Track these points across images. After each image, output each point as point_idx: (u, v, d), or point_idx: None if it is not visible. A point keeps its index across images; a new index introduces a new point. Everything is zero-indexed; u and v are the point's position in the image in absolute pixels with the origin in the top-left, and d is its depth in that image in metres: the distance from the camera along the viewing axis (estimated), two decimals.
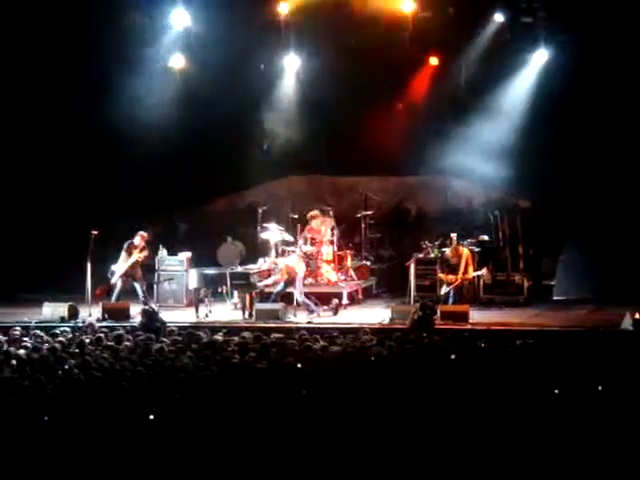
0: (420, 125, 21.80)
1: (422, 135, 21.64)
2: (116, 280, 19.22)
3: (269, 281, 18.85)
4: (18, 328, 15.25)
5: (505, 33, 20.86)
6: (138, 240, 19.31)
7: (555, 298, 20.36)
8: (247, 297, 18.55)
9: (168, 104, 21.60)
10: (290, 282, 18.49)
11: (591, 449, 8.42)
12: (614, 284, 19.62)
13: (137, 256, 19.25)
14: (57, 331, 15.06)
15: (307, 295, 18.65)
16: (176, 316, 18.36)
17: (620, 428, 8.80)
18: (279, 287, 18.60)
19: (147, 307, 17.11)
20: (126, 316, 18.02)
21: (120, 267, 19.23)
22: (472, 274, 19.32)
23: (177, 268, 20.27)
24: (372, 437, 8.67)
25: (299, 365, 11.70)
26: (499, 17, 20.81)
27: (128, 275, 19.27)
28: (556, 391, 10.04)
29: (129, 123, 21.00)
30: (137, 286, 19.37)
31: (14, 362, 12.38)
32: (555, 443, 8.52)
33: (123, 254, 19.26)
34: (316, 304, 18.62)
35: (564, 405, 9.44)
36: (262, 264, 19.29)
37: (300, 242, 20.23)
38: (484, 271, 19.49)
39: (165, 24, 21.30)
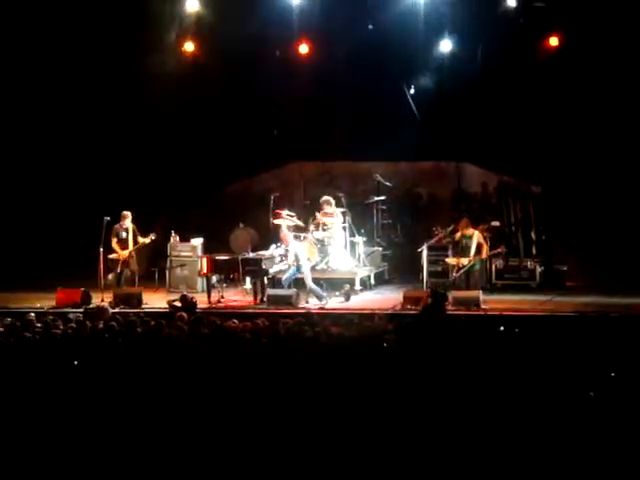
0: (432, 109, 21.75)
1: (434, 120, 21.60)
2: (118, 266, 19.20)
3: (281, 267, 18.85)
4: (32, 314, 15.30)
5: (518, 17, 20.79)
6: (127, 222, 19.16)
7: (567, 284, 20.33)
8: (259, 283, 18.59)
9: (180, 89, 21.68)
10: (300, 268, 18.47)
11: (604, 434, 8.41)
12: (627, 270, 19.60)
13: (143, 240, 19.19)
14: (70, 316, 15.06)
15: (316, 281, 18.64)
16: None
17: (633, 414, 8.80)
18: (288, 273, 18.60)
19: (186, 294, 17.23)
20: (138, 302, 18.01)
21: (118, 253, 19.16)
22: (488, 253, 19.18)
23: (189, 254, 20.33)
24: (384, 423, 8.67)
25: (311, 350, 11.68)
26: (511, 1, 20.76)
27: (125, 262, 19.21)
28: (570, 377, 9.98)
29: (140, 109, 21.05)
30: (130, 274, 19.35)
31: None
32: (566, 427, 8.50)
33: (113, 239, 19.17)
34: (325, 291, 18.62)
35: (577, 392, 9.39)
36: (274, 250, 19.28)
37: (312, 228, 20.22)
38: (501, 249, 19.38)
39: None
